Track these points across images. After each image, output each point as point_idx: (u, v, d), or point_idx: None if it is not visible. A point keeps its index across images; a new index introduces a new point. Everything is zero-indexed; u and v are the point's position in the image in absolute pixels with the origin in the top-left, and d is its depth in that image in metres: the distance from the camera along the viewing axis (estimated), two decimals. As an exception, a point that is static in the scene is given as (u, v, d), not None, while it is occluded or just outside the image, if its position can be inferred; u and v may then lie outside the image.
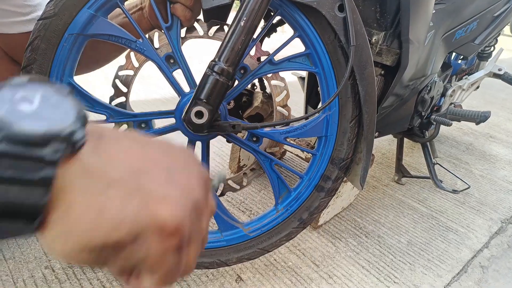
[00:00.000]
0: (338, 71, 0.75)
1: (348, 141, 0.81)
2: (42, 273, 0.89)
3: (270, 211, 0.87)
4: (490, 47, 1.62)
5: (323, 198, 0.85)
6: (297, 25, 0.73)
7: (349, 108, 0.78)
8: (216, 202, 0.78)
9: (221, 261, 0.84)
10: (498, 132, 2.23)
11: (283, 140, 0.80)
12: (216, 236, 0.85)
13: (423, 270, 1.07)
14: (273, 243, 0.86)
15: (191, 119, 0.66)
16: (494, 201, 1.49)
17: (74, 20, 0.64)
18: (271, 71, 0.76)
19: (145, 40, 0.70)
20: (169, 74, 0.74)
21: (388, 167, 1.64)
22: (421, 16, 0.87)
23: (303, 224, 0.86)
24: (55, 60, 0.66)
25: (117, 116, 0.73)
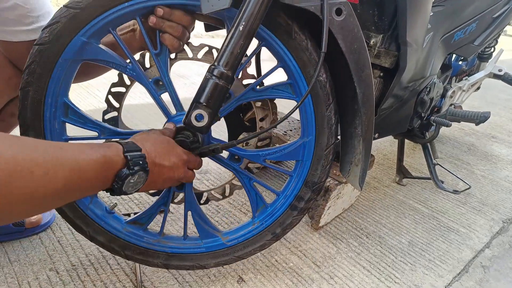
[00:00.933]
0: (316, 104, 0.80)
1: (322, 167, 0.87)
2: (47, 275, 0.91)
3: (247, 224, 0.92)
4: (490, 48, 1.62)
5: (296, 216, 0.91)
6: (280, 58, 0.76)
7: (325, 137, 0.83)
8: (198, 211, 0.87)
9: (200, 265, 0.91)
10: (500, 133, 2.23)
11: (262, 161, 0.86)
12: (197, 243, 0.91)
13: (424, 270, 1.08)
14: (248, 252, 0.92)
15: (191, 122, 0.68)
16: (496, 201, 1.49)
17: (67, 46, 0.68)
18: (254, 97, 0.80)
19: (135, 65, 0.74)
20: (157, 97, 0.77)
21: (389, 168, 1.65)
22: (418, 19, 0.88)
23: (276, 238, 0.92)
24: (50, 82, 0.70)
25: (108, 133, 0.78)
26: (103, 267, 0.95)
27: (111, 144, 0.58)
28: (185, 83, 2.36)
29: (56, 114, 0.73)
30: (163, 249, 0.88)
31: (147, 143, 0.64)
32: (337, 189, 1.13)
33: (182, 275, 0.95)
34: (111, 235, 0.85)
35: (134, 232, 0.86)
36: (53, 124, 0.73)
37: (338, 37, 0.71)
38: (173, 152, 0.68)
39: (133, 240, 0.86)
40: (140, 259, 0.88)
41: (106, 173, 0.56)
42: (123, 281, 0.91)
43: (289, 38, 0.73)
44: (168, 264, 0.89)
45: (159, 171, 0.65)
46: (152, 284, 0.92)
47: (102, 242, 0.85)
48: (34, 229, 1.01)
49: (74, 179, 0.50)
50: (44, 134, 0.73)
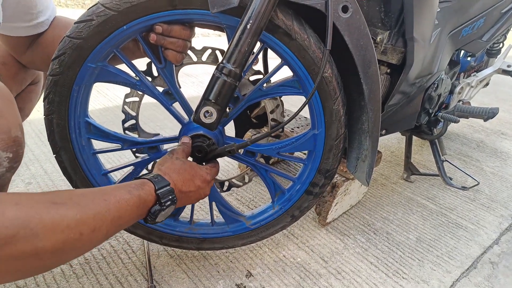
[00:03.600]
0: (323, 99, 0.81)
1: (334, 155, 0.90)
2: (61, 269, 0.93)
3: (267, 207, 0.99)
4: (498, 44, 1.61)
5: (312, 200, 0.97)
6: (283, 58, 0.77)
7: (334, 129, 0.86)
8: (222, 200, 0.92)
9: (229, 246, 1.00)
10: (509, 129, 2.21)
11: (276, 154, 0.90)
12: (224, 228, 0.98)
13: (432, 266, 1.08)
14: (270, 232, 1.00)
15: (200, 118, 0.69)
16: (505, 198, 1.48)
17: (78, 74, 0.72)
18: (262, 97, 0.82)
19: (144, 81, 0.77)
20: (169, 107, 0.82)
21: (397, 165, 1.65)
22: (425, 15, 0.88)
23: (295, 219, 1.00)
24: (70, 108, 0.75)
25: (130, 144, 0.84)
26: (115, 261, 0.97)
27: (144, 183, 0.63)
28: (193, 82, 2.38)
29: (81, 133, 0.79)
30: (194, 235, 0.96)
31: (173, 174, 0.69)
32: (344, 186, 1.14)
33: (191, 270, 0.97)
34: (148, 228, 0.92)
35: (168, 223, 0.94)
36: (80, 142, 0.79)
37: (345, 34, 0.71)
38: (197, 176, 0.72)
39: (168, 230, 0.94)
40: (176, 245, 0.97)
41: (141, 212, 0.62)
42: (134, 274, 0.94)
43: (290, 39, 0.74)
44: (200, 247, 0.98)
45: (186, 196, 0.71)
46: (162, 278, 0.94)
47: (142, 235, 0.93)
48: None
49: (113, 228, 0.56)
50: (74, 151, 0.80)
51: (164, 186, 0.65)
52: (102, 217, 0.52)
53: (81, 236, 0.49)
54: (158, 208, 0.64)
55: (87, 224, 0.50)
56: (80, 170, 0.82)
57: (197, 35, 3.35)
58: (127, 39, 0.72)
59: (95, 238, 0.52)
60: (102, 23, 0.68)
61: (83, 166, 0.82)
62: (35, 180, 1.25)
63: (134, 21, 0.68)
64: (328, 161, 0.91)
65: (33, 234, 0.44)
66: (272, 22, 0.71)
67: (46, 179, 1.26)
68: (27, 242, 0.43)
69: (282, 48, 0.75)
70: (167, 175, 0.68)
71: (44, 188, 1.21)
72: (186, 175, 0.70)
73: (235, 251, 1.05)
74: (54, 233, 0.46)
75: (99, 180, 0.85)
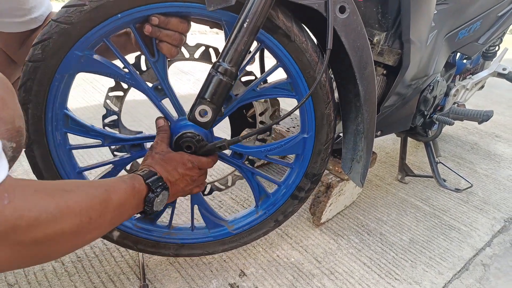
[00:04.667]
0: (316, 103, 0.81)
1: (322, 160, 0.90)
2: (52, 267, 0.92)
3: (250, 212, 0.97)
4: (494, 47, 1.62)
5: (297, 204, 0.96)
6: (279, 59, 0.77)
7: (324, 133, 0.86)
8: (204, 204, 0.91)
9: (209, 252, 0.96)
10: (504, 132, 2.23)
11: (264, 156, 0.88)
12: (205, 233, 0.95)
13: (424, 268, 1.09)
14: (252, 237, 0.98)
15: (195, 117, 0.69)
16: (498, 200, 1.49)
17: (62, 62, 0.67)
18: (255, 97, 0.81)
19: (133, 73, 0.73)
20: (158, 103, 0.78)
21: (392, 166, 1.65)
22: (422, 17, 0.89)
23: (278, 224, 0.98)
24: (49, 97, 0.69)
25: (111, 140, 0.79)
26: (107, 259, 0.96)
27: (134, 176, 0.65)
28: (189, 79, 2.37)
29: (58, 126, 0.73)
30: (173, 240, 0.92)
31: (156, 166, 0.70)
32: (339, 186, 1.14)
33: (184, 269, 0.97)
34: (122, 232, 0.87)
35: (144, 227, 0.89)
36: (55, 136, 0.73)
37: (341, 35, 0.71)
38: (178, 164, 0.73)
39: (144, 235, 0.89)
40: (152, 251, 0.92)
41: (137, 201, 0.64)
42: (127, 273, 0.93)
43: (289, 40, 0.73)
44: (178, 254, 0.94)
45: (175, 186, 0.72)
46: (155, 276, 0.93)
47: (116, 240, 0.88)
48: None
49: (116, 215, 0.59)
50: (48, 146, 0.73)
51: (152, 176, 0.67)
52: (107, 204, 0.56)
53: (90, 220, 0.52)
54: (152, 196, 0.65)
55: (95, 210, 0.53)
56: (53, 167, 0.76)
57: (194, 32, 3.33)
58: (120, 28, 0.69)
59: (102, 224, 0.56)
60: (95, 9, 0.63)
61: (56, 162, 0.76)
62: (27, 177, 1.23)
63: (130, 10, 0.65)
64: (316, 165, 0.90)
65: (53, 217, 0.46)
66: (273, 22, 0.71)
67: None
68: (49, 226, 0.46)
69: (280, 49, 0.75)
70: (150, 167, 0.70)
71: (37, 185, 1.20)
72: (167, 166, 0.71)
73: (228, 250, 1.05)
74: (70, 216, 0.49)
75: (74, 178, 0.80)
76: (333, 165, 1.17)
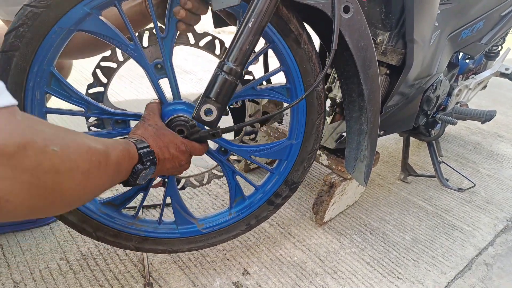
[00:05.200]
0: (309, 111, 0.83)
1: (303, 168, 0.92)
2: (58, 264, 0.93)
3: (223, 212, 0.95)
4: (497, 47, 1.62)
5: (271, 210, 0.96)
6: (284, 63, 0.78)
7: (311, 142, 0.88)
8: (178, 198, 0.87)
9: (173, 250, 0.92)
10: (506, 132, 2.22)
11: (248, 156, 0.88)
12: (172, 228, 0.91)
13: (427, 267, 1.09)
14: (221, 239, 0.95)
15: (200, 116, 0.69)
16: (501, 200, 1.49)
17: (67, 14, 0.62)
18: (252, 95, 0.82)
19: (138, 46, 0.70)
20: (156, 81, 0.74)
21: (394, 166, 1.65)
22: (425, 17, 0.89)
23: (249, 228, 0.97)
24: (40, 50, 0.63)
25: (95, 111, 0.73)
26: (112, 257, 0.97)
27: (128, 142, 0.62)
28: (192, 79, 2.38)
29: (41, 84, 0.66)
30: (137, 232, 0.87)
31: (149, 139, 0.67)
32: (341, 185, 1.14)
33: (188, 267, 0.97)
34: (83, 215, 0.79)
35: (109, 214, 0.83)
36: (35, 94, 0.67)
37: (345, 34, 0.72)
38: (172, 144, 0.70)
39: (107, 221, 0.82)
40: (111, 241, 0.85)
41: (128, 167, 0.60)
42: (131, 271, 0.94)
43: (298, 46, 0.75)
44: (139, 248, 0.88)
45: (162, 163, 0.69)
46: (159, 274, 0.94)
47: (73, 222, 0.79)
48: (46, 220, 1.04)
49: (117, 172, 0.56)
50: (23, 104, 0.66)
51: (145, 147, 0.64)
52: (108, 156, 0.52)
53: (99, 165, 0.49)
54: (141, 168, 0.62)
55: (102, 155, 0.50)
56: None
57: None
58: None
59: (107, 174, 0.52)
60: None
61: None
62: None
63: None
64: (297, 173, 0.92)
65: (64, 147, 0.43)
66: (287, 25, 0.72)
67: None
68: (57, 155, 0.42)
69: (287, 53, 0.76)
70: (143, 138, 0.66)
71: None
72: (160, 141, 0.68)
73: (231, 249, 1.05)
74: (79, 153, 0.46)
75: None
76: (336, 164, 1.17)
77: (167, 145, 0.69)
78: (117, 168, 0.56)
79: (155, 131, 0.69)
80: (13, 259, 0.93)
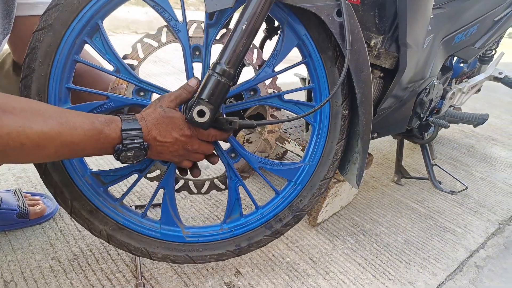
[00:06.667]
0: (330, 134, 0.85)
1: (312, 196, 0.88)
2: (49, 264, 0.93)
3: (213, 225, 0.88)
4: (491, 51, 1.63)
5: (267, 236, 0.89)
6: (315, 80, 0.80)
7: (326, 168, 0.86)
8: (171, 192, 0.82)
9: (146, 251, 0.83)
10: (500, 135, 2.24)
11: (257, 167, 0.84)
12: (154, 226, 0.84)
13: (418, 269, 1.10)
14: (202, 256, 0.87)
15: (193, 117, 0.69)
16: (493, 203, 1.51)
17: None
18: (276, 104, 0.82)
19: (185, 24, 0.72)
20: (190, 63, 0.75)
21: (388, 168, 1.66)
22: (418, 21, 0.90)
23: (238, 251, 0.88)
24: (74, 23, 0.66)
25: (125, 74, 0.72)
26: (104, 257, 0.97)
27: (113, 120, 0.63)
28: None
29: (84, 32, 0.67)
30: (115, 217, 0.80)
31: (151, 120, 0.67)
32: (335, 187, 1.15)
33: (181, 267, 0.97)
34: (68, 177, 0.75)
35: (94, 187, 0.77)
36: (75, 41, 0.68)
37: (338, 38, 0.72)
38: (176, 127, 0.69)
39: (88, 193, 0.77)
40: (84, 218, 0.78)
41: (102, 146, 0.62)
42: (123, 271, 0.94)
43: (333, 65, 0.78)
44: (112, 236, 0.80)
45: (162, 146, 0.68)
46: (151, 274, 0.94)
47: (54, 181, 0.74)
48: (38, 220, 1.03)
49: (65, 150, 0.58)
50: (58, 45, 0.66)
51: (133, 129, 0.64)
52: (49, 138, 0.55)
53: (22, 146, 0.52)
54: (120, 148, 0.63)
55: (30, 139, 0.53)
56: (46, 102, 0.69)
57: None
58: None
59: (40, 154, 0.56)
60: None
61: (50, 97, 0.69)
62: (25, 174, 1.24)
63: None
64: (304, 199, 0.88)
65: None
66: (326, 43, 0.77)
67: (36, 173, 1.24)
68: None
69: (322, 70, 0.79)
70: (143, 119, 0.66)
71: (35, 183, 1.21)
72: (163, 124, 0.67)
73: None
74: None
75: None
76: (329, 166, 1.17)
77: (170, 129, 0.68)
78: (71, 147, 0.58)
79: (163, 114, 0.68)
80: (4, 258, 0.93)
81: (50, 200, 1.10)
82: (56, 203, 1.10)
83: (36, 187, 1.19)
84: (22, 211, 1.00)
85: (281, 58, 0.78)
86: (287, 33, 0.76)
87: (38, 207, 1.03)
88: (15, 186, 1.18)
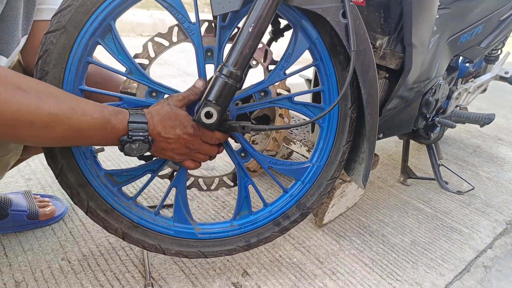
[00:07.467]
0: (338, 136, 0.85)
1: (319, 194, 0.90)
2: (59, 264, 0.94)
3: (224, 222, 0.91)
4: (497, 51, 1.63)
5: (275, 232, 0.92)
6: (325, 83, 0.81)
7: (333, 168, 0.88)
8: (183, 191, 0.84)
9: (160, 247, 0.86)
10: (506, 135, 2.23)
11: (266, 168, 0.86)
12: (167, 224, 0.86)
13: (425, 269, 1.10)
14: (214, 252, 0.89)
15: (200, 119, 0.70)
16: (500, 203, 1.50)
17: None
18: (286, 107, 0.83)
19: (198, 25, 0.73)
20: (202, 65, 0.76)
21: (394, 168, 1.66)
22: (423, 21, 0.90)
23: (247, 247, 0.91)
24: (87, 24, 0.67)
25: (138, 75, 0.73)
26: (112, 257, 0.98)
27: (121, 112, 0.65)
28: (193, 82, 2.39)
29: (97, 34, 0.68)
30: (130, 215, 0.82)
31: (157, 116, 0.68)
32: (341, 188, 1.15)
33: (188, 268, 0.98)
34: (83, 178, 0.76)
35: (108, 186, 0.79)
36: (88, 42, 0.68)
37: (344, 39, 0.73)
38: (180, 125, 0.70)
39: (104, 193, 0.78)
40: (101, 218, 0.79)
41: (108, 136, 0.64)
42: (132, 271, 0.95)
43: (343, 69, 0.79)
44: (127, 234, 0.82)
45: (165, 142, 0.70)
46: (159, 275, 0.95)
47: (70, 182, 0.75)
48: (48, 221, 1.05)
49: (72, 135, 0.60)
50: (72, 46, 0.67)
51: (139, 122, 0.65)
52: (58, 120, 0.56)
53: (31, 125, 0.54)
54: (125, 139, 0.64)
55: (40, 118, 0.54)
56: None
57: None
58: None
59: (48, 135, 0.57)
60: None
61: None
62: (34, 176, 1.26)
63: None
64: (312, 198, 0.90)
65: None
66: (337, 47, 0.78)
67: (46, 175, 1.27)
68: None
69: (331, 73, 0.80)
70: (150, 114, 0.68)
71: (44, 185, 1.22)
72: (168, 120, 0.68)
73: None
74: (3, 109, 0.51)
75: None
76: (335, 166, 1.18)
77: (174, 126, 0.69)
78: (78, 134, 0.59)
79: (169, 111, 0.69)
80: (15, 259, 0.94)
81: (60, 201, 1.12)
82: (66, 205, 1.11)
83: (45, 189, 1.20)
84: (32, 212, 1.02)
85: (293, 61, 0.78)
86: (300, 36, 0.77)
87: (48, 208, 1.05)
88: (25, 188, 1.19)
